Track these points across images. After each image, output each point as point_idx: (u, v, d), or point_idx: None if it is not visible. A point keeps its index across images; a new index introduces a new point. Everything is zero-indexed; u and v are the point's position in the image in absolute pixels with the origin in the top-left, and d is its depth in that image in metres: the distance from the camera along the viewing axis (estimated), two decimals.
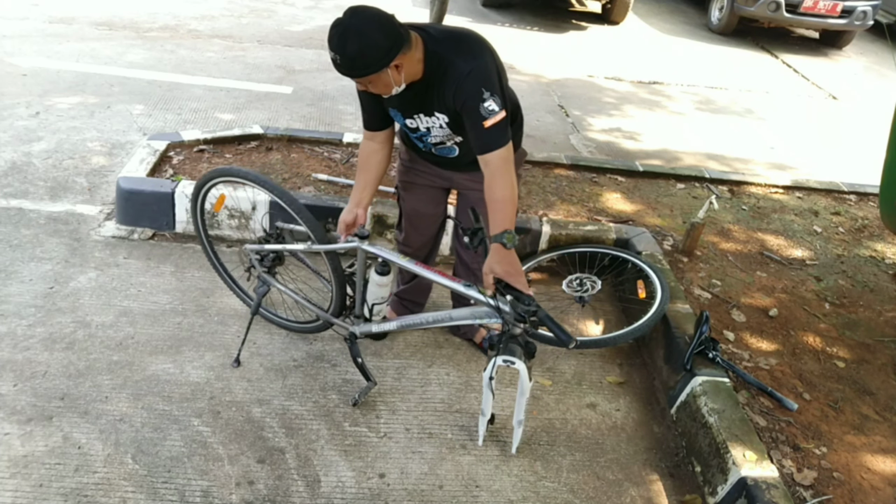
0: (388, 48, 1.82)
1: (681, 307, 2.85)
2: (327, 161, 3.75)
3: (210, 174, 2.44)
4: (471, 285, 2.09)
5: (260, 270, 2.53)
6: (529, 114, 5.35)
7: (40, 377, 2.39)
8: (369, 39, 1.80)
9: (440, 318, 2.27)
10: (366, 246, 2.18)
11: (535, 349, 2.11)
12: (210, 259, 2.77)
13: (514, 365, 2.05)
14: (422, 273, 2.16)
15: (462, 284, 2.10)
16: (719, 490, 2.17)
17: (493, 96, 1.91)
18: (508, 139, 1.98)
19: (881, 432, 2.43)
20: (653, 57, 7.41)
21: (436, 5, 3.76)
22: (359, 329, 2.40)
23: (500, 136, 1.95)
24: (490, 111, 1.91)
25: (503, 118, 1.94)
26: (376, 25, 1.81)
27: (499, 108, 1.92)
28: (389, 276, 2.25)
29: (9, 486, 2.01)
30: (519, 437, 2.31)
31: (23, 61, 4.99)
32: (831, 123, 6.24)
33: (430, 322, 2.31)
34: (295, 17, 7.01)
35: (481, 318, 2.12)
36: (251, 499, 2.08)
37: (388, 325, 2.36)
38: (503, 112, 1.93)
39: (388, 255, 2.19)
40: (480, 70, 1.93)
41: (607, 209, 3.66)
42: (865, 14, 8.12)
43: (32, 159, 3.73)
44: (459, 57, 1.93)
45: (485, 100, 1.90)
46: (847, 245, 3.70)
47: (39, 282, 2.83)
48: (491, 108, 1.91)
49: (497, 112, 1.92)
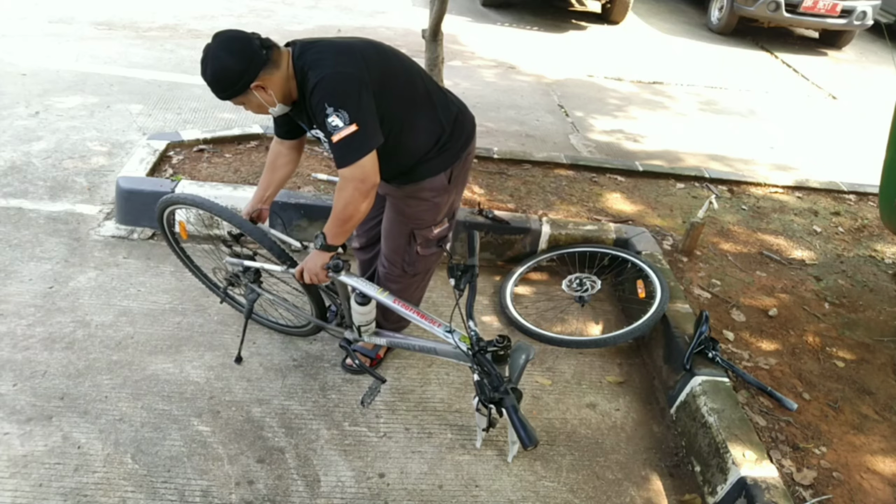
0: (241, 71, 1.82)
1: (680, 307, 2.85)
2: (327, 161, 3.75)
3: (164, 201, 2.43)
4: (452, 331, 2.04)
5: (245, 281, 2.53)
6: (529, 113, 5.36)
7: (40, 377, 2.39)
8: (221, 63, 1.83)
9: (426, 348, 2.27)
10: (342, 278, 2.14)
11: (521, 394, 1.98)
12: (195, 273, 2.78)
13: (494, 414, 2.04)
14: (399, 311, 2.12)
15: (442, 329, 2.07)
16: (719, 490, 2.17)
17: (336, 111, 1.80)
18: (360, 155, 1.85)
19: (881, 432, 2.43)
20: (652, 57, 7.41)
21: (435, 5, 3.76)
22: (352, 336, 2.40)
23: (347, 153, 1.84)
24: (334, 126, 1.81)
25: (351, 133, 1.81)
26: (228, 50, 1.83)
27: (344, 122, 1.80)
28: (371, 304, 2.23)
29: (8, 485, 2.01)
30: (515, 451, 2.32)
31: (22, 61, 4.99)
32: (831, 123, 6.24)
33: (416, 348, 2.32)
34: (295, 17, 7.01)
35: (463, 360, 2.10)
36: (251, 498, 2.08)
37: (378, 339, 2.38)
38: (353, 126, 1.81)
39: (364, 287, 2.15)
40: (325, 83, 1.82)
41: (607, 209, 3.66)
42: (865, 14, 8.12)
43: (32, 159, 3.72)
44: (311, 70, 1.86)
45: (328, 115, 1.81)
46: (847, 245, 3.70)
47: (39, 281, 2.83)
48: (334, 123, 1.81)
49: (342, 128, 1.81)
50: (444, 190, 2.20)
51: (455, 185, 2.24)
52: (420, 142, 2.07)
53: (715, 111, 6.10)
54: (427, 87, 2.09)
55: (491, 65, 6.42)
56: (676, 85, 6.64)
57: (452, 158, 2.17)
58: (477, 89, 5.61)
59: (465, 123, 2.21)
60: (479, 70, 6.22)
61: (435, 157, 2.11)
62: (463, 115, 2.20)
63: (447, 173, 2.17)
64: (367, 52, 1.94)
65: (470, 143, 2.23)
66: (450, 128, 2.13)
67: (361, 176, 1.87)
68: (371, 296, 2.15)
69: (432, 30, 3.83)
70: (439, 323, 2.09)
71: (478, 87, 5.70)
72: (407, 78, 2.03)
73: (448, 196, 2.24)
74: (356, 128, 1.82)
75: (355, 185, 1.88)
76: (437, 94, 2.13)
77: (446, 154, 2.15)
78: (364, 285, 2.15)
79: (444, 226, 2.32)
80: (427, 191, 2.16)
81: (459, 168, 2.21)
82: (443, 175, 2.16)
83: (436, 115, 2.10)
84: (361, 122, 1.83)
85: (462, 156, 2.20)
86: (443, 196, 2.21)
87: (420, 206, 2.20)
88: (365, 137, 1.85)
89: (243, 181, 3.41)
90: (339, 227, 1.99)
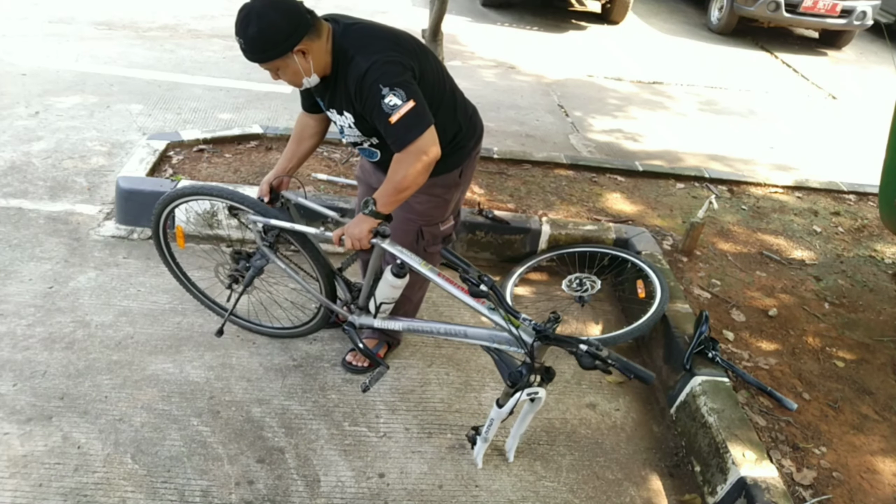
0: (289, 31, 1.78)
1: (680, 307, 2.85)
2: (327, 161, 3.75)
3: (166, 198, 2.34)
4: (495, 309, 1.96)
5: (261, 244, 2.37)
6: (529, 113, 5.36)
7: (40, 377, 2.39)
8: (269, 20, 1.77)
9: (453, 332, 2.16)
10: (386, 245, 2.07)
11: (554, 373, 2.00)
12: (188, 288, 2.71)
13: (538, 395, 2.00)
14: (441, 285, 2.02)
15: (486, 307, 1.97)
16: (719, 490, 2.17)
17: (392, 90, 1.81)
18: (423, 128, 1.85)
19: (881, 432, 2.43)
20: (652, 57, 7.41)
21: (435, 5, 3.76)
22: (359, 320, 2.33)
23: (410, 128, 1.84)
24: (392, 106, 1.81)
25: (410, 108, 1.82)
26: (275, 7, 1.78)
27: (402, 100, 1.81)
28: (405, 278, 2.14)
29: (8, 485, 2.01)
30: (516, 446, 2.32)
31: (22, 61, 4.99)
32: (831, 123, 6.24)
33: (441, 333, 2.19)
34: None
35: (500, 343, 2.02)
36: (251, 498, 2.08)
37: (393, 323, 2.28)
38: (410, 102, 1.82)
39: (408, 258, 2.08)
40: (378, 66, 1.83)
41: (607, 209, 3.66)
42: (865, 14, 8.13)
43: (32, 159, 3.72)
44: (360, 53, 1.85)
45: (384, 96, 1.81)
46: (847, 245, 3.70)
47: (39, 281, 2.83)
48: (392, 102, 1.80)
49: (400, 105, 1.81)
50: (455, 186, 2.26)
51: (462, 183, 2.29)
52: (441, 138, 2.08)
53: (715, 111, 6.10)
54: (451, 85, 2.14)
55: (491, 65, 6.42)
56: (676, 85, 6.64)
57: (465, 156, 2.23)
58: (477, 89, 5.61)
59: (478, 123, 2.28)
60: (479, 70, 6.22)
61: (451, 153, 2.13)
62: (476, 115, 2.27)
63: (459, 170, 2.23)
64: (411, 42, 1.97)
65: (480, 142, 2.30)
66: (466, 126, 2.19)
67: (426, 148, 1.87)
68: (415, 268, 2.07)
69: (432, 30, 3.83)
70: (483, 301, 1.99)
71: (478, 87, 5.70)
72: (438, 75, 2.07)
73: (456, 192, 2.29)
74: (413, 103, 1.82)
75: (419, 156, 1.87)
76: (458, 92, 2.19)
77: (461, 151, 2.20)
78: (407, 256, 2.08)
79: (449, 223, 2.36)
80: (439, 187, 2.20)
81: (468, 166, 2.27)
82: (455, 171, 2.22)
83: (456, 113, 2.14)
84: (418, 99, 1.84)
85: (472, 154, 2.27)
86: (452, 192, 2.27)
87: (430, 202, 2.23)
88: (424, 112, 1.86)
89: (243, 181, 3.41)
90: (393, 196, 1.94)
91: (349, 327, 2.36)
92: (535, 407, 2.10)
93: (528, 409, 2.13)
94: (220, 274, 2.55)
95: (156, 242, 2.55)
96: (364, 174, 2.44)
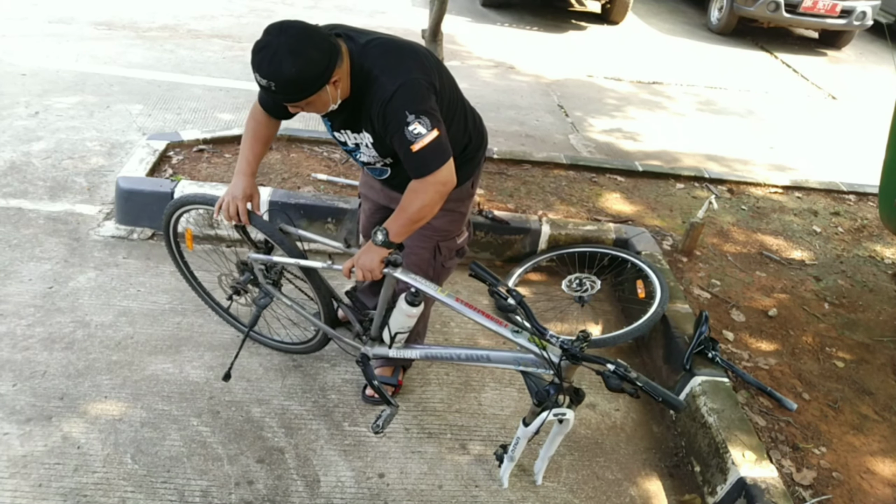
0: (326, 64, 1.68)
1: (680, 307, 2.85)
2: (327, 161, 3.75)
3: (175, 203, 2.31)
4: (519, 332, 1.89)
5: (264, 282, 2.37)
6: (529, 114, 5.36)
7: (39, 377, 2.39)
8: (307, 58, 1.65)
9: (475, 357, 2.07)
10: (399, 274, 2.00)
11: (584, 395, 1.92)
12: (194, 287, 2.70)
13: (566, 416, 1.93)
14: (460, 310, 1.95)
15: (509, 330, 1.91)
16: (719, 490, 2.17)
17: (418, 118, 1.74)
18: (444, 161, 1.80)
19: (880, 432, 2.43)
20: (652, 57, 7.41)
21: (435, 5, 3.76)
22: (372, 351, 2.25)
23: (431, 160, 1.78)
24: (416, 134, 1.74)
25: (434, 139, 1.76)
26: (310, 42, 1.67)
27: (427, 129, 1.75)
28: (420, 307, 2.05)
29: (8, 485, 2.01)
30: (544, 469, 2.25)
31: (22, 61, 4.98)
32: (830, 123, 6.24)
33: (463, 358, 2.11)
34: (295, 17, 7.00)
35: (527, 364, 1.94)
36: (250, 499, 2.08)
37: (410, 352, 2.18)
38: (434, 132, 1.76)
39: (422, 286, 1.99)
40: (406, 90, 1.75)
41: (607, 209, 3.66)
42: (865, 14, 8.13)
43: (32, 159, 3.72)
44: (385, 74, 1.77)
45: (409, 123, 1.74)
46: (846, 245, 3.70)
47: (39, 281, 2.83)
48: (417, 130, 1.74)
49: (424, 134, 1.75)
50: (469, 197, 2.22)
51: (474, 192, 2.26)
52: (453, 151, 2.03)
53: (714, 111, 6.10)
54: (461, 97, 2.09)
55: (490, 65, 6.42)
56: (676, 85, 6.64)
57: (475, 166, 2.18)
58: (476, 89, 5.61)
59: (484, 132, 2.22)
60: (479, 70, 6.22)
61: (462, 165, 2.07)
62: (481, 123, 2.21)
63: (470, 181, 2.19)
64: (430, 57, 1.90)
65: (486, 149, 2.25)
66: (475, 137, 2.14)
67: (444, 180, 1.82)
68: (431, 295, 1.98)
69: (432, 30, 3.83)
70: (505, 324, 1.93)
71: (477, 88, 5.70)
72: (452, 89, 2.01)
73: (469, 203, 2.25)
74: (437, 133, 1.77)
75: (437, 188, 1.82)
76: (467, 102, 2.13)
77: (471, 163, 2.15)
78: (421, 283, 2.00)
79: (465, 234, 2.30)
80: (453, 201, 2.11)
81: (477, 174, 2.23)
82: (468, 183, 2.18)
83: (466, 125, 2.09)
84: (441, 129, 1.79)
85: (480, 162, 2.22)
86: (465, 203, 2.22)
87: (446, 216, 2.15)
88: (446, 143, 1.81)
89: None
90: (407, 227, 1.90)
91: (362, 360, 2.26)
92: (563, 429, 2.03)
93: (557, 430, 2.06)
94: (224, 283, 2.53)
95: (166, 241, 2.53)
96: (370, 191, 2.35)
